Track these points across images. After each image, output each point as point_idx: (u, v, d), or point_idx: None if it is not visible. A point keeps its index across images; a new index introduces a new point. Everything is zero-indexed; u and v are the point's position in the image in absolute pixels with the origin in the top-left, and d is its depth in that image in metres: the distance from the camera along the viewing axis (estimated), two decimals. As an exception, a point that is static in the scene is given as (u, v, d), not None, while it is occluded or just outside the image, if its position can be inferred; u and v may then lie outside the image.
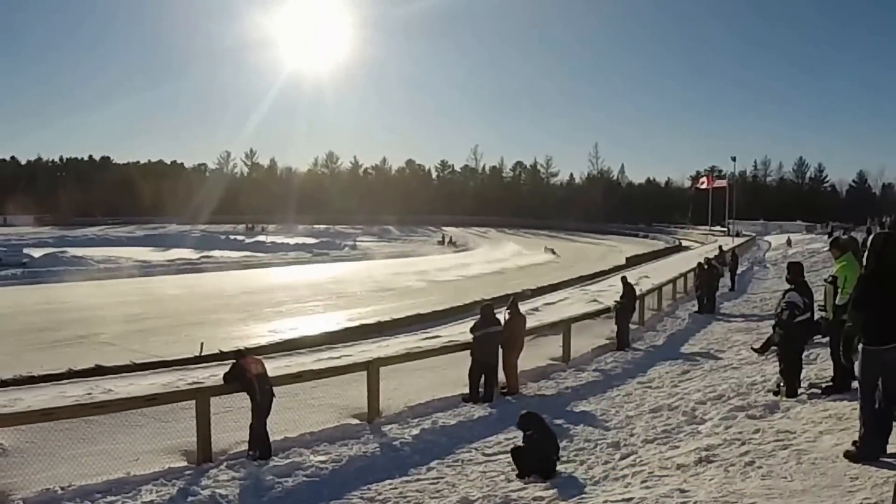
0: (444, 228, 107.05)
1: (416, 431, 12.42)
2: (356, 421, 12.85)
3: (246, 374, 11.26)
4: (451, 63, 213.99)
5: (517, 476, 10.10)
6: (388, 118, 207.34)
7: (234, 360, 11.77)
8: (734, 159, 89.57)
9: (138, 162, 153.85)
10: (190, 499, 9.59)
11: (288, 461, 10.92)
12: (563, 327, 18.76)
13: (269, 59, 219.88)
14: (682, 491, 8.23)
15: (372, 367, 13.25)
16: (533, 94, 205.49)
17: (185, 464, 10.78)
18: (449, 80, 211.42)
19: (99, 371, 19.00)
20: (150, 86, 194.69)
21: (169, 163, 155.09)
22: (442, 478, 10.44)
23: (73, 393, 15.12)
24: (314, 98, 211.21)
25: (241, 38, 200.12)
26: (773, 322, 13.53)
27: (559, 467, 10.17)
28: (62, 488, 9.73)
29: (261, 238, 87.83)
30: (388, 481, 10.31)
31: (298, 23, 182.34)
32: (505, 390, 15.13)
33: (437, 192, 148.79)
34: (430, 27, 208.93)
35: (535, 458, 10.10)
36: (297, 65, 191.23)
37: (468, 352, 14.98)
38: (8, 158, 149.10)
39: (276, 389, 11.48)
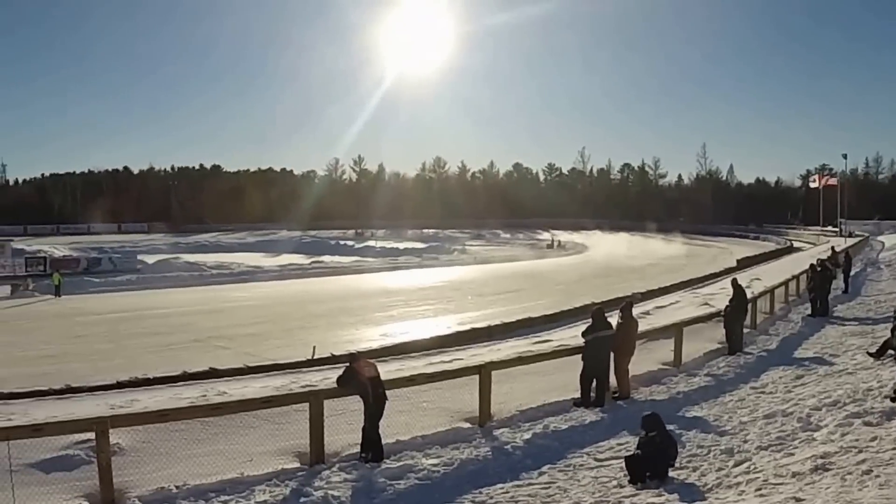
0: (551, 231, 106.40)
1: (527, 435, 12.39)
2: (468, 424, 12.89)
3: (359, 377, 11.37)
4: (557, 65, 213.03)
5: (629, 482, 9.99)
6: (494, 122, 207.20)
7: (347, 364, 11.93)
8: (845, 157, 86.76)
9: (248, 170, 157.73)
10: (302, 499, 9.74)
11: (400, 464, 11.00)
12: (674, 331, 18.47)
13: (376, 65, 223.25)
14: (798, 500, 8.05)
15: (484, 371, 13.27)
16: (640, 95, 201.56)
17: (298, 465, 10.96)
18: (554, 82, 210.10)
19: (213, 374, 19.46)
20: (260, 95, 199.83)
21: (279, 170, 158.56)
22: (554, 483, 10.40)
23: (189, 395, 15.53)
24: (421, 103, 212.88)
25: (348, 46, 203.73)
26: (889, 325, 13.01)
27: (671, 473, 10.04)
28: (177, 487, 9.99)
29: (370, 243, 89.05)
30: (499, 485, 10.32)
31: (404, 29, 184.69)
32: (616, 395, 14.98)
33: (544, 195, 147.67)
34: (536, 31, 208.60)
35: (655, 461, 9.98)
36: (403, 71, 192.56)
37: (579, 356, 14.85)
38: (121, 168, 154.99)
39: (388, 392, 11.56)
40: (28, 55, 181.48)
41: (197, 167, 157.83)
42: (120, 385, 18.20)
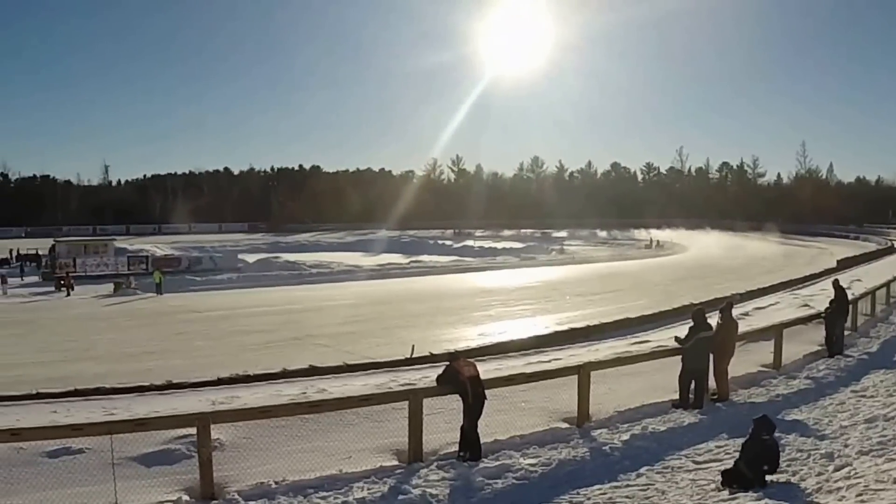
0: (649, 231, 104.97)
1: (625, 437, 12.31)
2: (566, 425, 12.89)
3: (459, 376, 11.40)
4: (655, 64, 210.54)
5: (722, 484, 9.98)
6: (592, 121, 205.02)
7: (447, 363, 12.01)
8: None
9: (347, 170, 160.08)
10: (400, 497, 9.77)
11: (498, 463, 10.98)
12: (774, 333, 18.23)
13: (474, 65, 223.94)
14: (901, 506, 7.78)
15: (583, 371, 13.25)
16: (738, 93, 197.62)
17: (396, 463, 11.03)
18: (652, 81, 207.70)
19: (313, 371, 19.69)
20: (358, 96, 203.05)
21: (377, 170, 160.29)
22: (651, 485, 10.32)
23: (289, 392, 15.75)
24: (518, 103, 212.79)
25: (446, 46, 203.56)
26: None
27: (770, 477, 9.90)
28: (276, 483, 10.11)
29: (468, 243, 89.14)
30: (597, 486, 10.28)
31: (502, 29, 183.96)
32: (715, 397, 14.82)
33: (642, 194, 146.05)
34: (632, 31, 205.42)
35: (759, 463, 9.88)
36: (501, 70, 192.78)
37: (678, 357, 14.70)
38: (221, 169, 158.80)
39: (487, 392, 11.56)
40: (131, 58, 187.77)
41: (296, 168, 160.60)
42: (220, 381, 18.55)
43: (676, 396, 14.33)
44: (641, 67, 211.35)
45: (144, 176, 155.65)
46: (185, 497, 9.93)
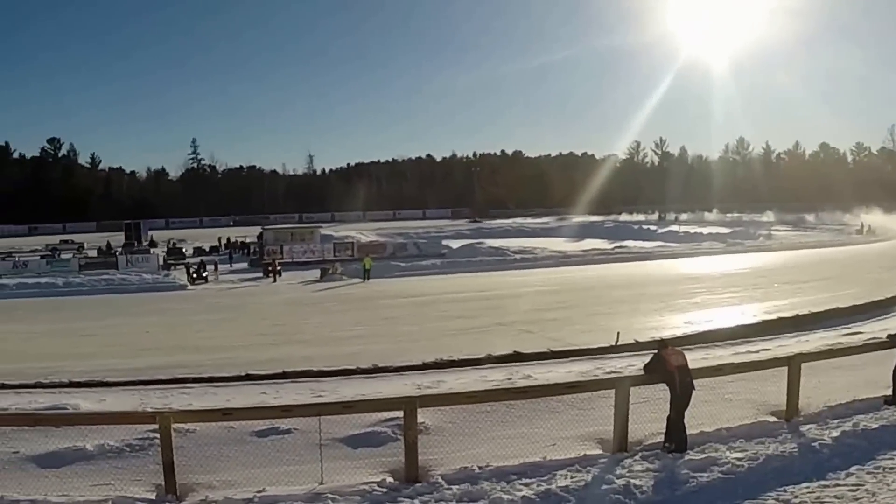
0: (860, 215, 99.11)
1: (835, 433, 11.85)
2: (773, 418, 12.59)
3: (667, 365, 11.27)
4: (867, 36, 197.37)
5: None
6: (799, 101, 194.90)
7: (655, 351, 11.83)
8: None
9: (549, 154, 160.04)
10: (604, 487, 9.74)
11: (703, 456, 10.82)
12: None
13: (676, 45, 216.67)
14: None
15: (793, 363, 12.86)
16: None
17: (600, 452, 11.04)
18: (863, 56, 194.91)
19: (517, 357, 19.84)
20: (558, 79, 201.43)
21: (580, 154, 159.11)
22: (861, 485, 9.95)
23: (494, 378, 15.94)
24: (722, 83, 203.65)
25: (645, 25, 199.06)
26: None
27: None
28: (479, 467, 10.25)
29: (673, 228, 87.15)
30: (805, 485, 9.99)
31: (705, 6, 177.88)
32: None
33: (852, 176, 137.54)
34: (841, 6, 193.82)
35: None
36: (704, 49, 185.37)
37: (892, 350, 13.99)
38: (424, 156, 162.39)
39: (693, 382, 11.33)
40: (335, 50, 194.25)
41: (498, 153, 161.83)
42: (426, 366, 18.99)
43: (889, 392, 13.60)
44: (851, 39, 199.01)
45: (348, 164, 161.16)
46: (390, 479, 10.20)
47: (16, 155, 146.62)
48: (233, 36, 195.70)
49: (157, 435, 10.48)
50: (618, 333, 21.67)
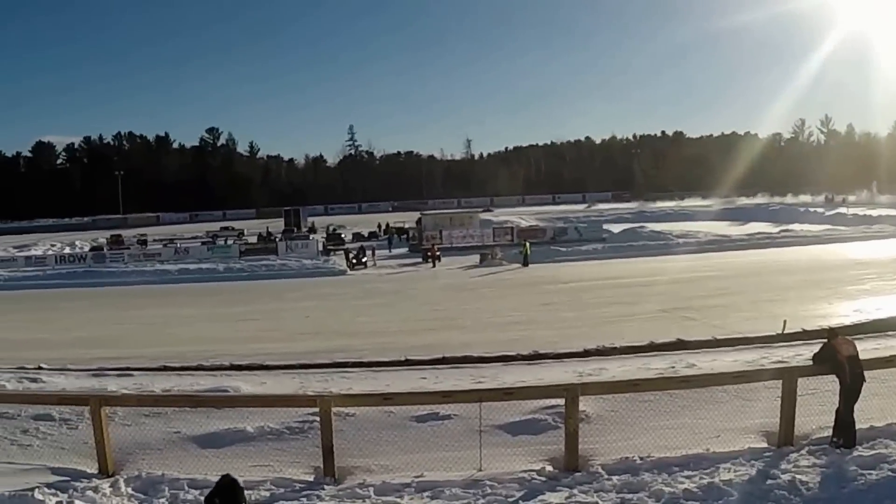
0: None
1: None
2: None
3: (837, 355, 10.81)
4: None
5: None
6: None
7: (824, 340, 11.37)
8: None
9: (711, 135, 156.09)
10: (769, 482, 9.44)
11: (873, 452, 10.28)
12: None
13: (842, 15, 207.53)
14: None
15: None
16: None
17: (765, 445, 10.73)
18: None
19: (680, 345, 19.48)
20: (720, 55, 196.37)
21: (742, 134, 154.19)
22: None
23: (657, 366, 15.72)
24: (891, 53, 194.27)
25: None
26: None
27: None
28: (641, 458, 10.13)
29: (841, 210, 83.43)
30: None
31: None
32: None
33: None
34: None
35: None
36: (871, 19, 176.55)
37: None
38: (583, 138, 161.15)
39: (864, 373, 10.82)
40: (497, 33, 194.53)
41: (659, 134, 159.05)
42: (587, 353, 18.89)
43: None
44: None
45: (506, 148, 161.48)
46: (549, 467, 10.20)
47: (175, 145, 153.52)
48: (390, 29, 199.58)
49: (317, 418, 10.81)
50: (784, 321, 21.00)
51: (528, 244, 50.88)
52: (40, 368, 18.55)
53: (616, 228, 65.10)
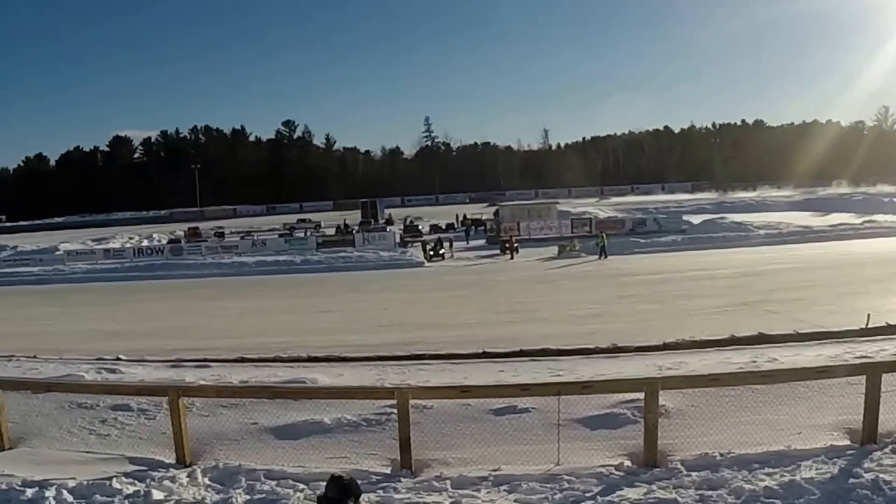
0: None
1: None
2: None
3: (922, 351, 10.54)
4: None
5: None
6: None
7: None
8: None
9: (792, 123, 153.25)
10: (851, 481, 9.25)
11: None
12: None
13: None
14: None
15: None
16: None
17: (848, 443, 10.49)
18: None
19: (762, 339, 19.23)
20: (796, 42, 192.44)
21: (823, 122, 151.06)
22: None
23: (737, 360, 15.53)
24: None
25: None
26: None
27: None
28: (721, 454, 10.04)
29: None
30: None
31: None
32: None
33: None
34: None
35: None
36: None
37: None
38: (662, 128, 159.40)
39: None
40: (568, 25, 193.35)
41: (738, 123, 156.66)
42: (666, 346, 18.75)
43: None
44: None
45: (584, 138, 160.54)
46: (627, 462, 10.19)
47: (252, 138, 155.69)
48: (463, 27, 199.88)
49: (394, 410, 10.90)
50: (868, 315, 20.59)
51: (604, 235, 50.63)
52: (118, 359, 18.97)
53: (696, 219, 64.34)
